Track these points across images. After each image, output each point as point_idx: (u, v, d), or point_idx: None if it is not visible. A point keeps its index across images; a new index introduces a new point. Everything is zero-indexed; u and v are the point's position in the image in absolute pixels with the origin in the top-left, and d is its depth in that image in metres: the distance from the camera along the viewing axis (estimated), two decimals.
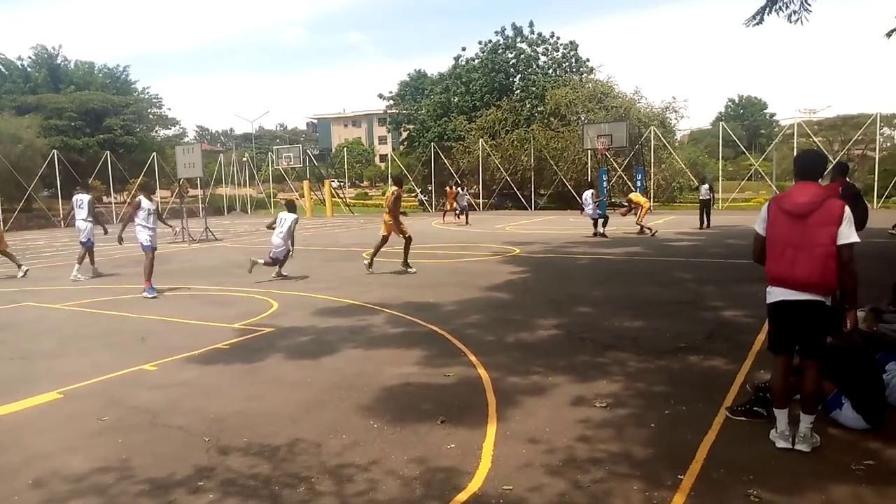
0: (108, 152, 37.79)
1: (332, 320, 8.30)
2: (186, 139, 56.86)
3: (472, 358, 6.34)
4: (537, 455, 4.09)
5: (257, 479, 3.86)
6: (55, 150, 35.20)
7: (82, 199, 13.42)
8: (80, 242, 13.24)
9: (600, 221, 19.29)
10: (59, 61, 48.92)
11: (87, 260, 13.31)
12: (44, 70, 47.19)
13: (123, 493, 3.73)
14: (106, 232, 13.71)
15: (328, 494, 3.64)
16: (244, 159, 47.70)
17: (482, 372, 5.89)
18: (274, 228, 11.99)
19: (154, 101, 52.53)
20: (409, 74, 52.89)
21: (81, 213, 13.24)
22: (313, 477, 3.86)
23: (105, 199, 40.31)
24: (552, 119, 38.55)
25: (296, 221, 11.89)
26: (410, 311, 8.69)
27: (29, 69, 47.39)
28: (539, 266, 12.73)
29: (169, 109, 70.07)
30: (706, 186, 21.59)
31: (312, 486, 3.74)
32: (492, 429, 4.53)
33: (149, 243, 10.73)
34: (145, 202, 10.86)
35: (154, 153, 39.94)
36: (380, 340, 7.23)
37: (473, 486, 3.69)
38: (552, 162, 35.87)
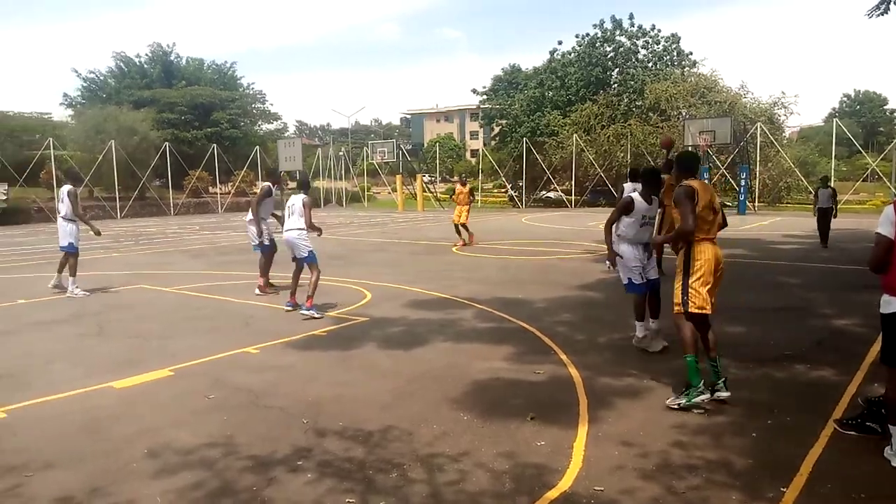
0: (215, 145, 39.80)
1: (423, 312, 8.43)
2: (287, 133, 59.05)
3: (563, 356, 6.28)
4: (630, 458, 4.01)
5: (352, 462, 3.98)
6: (167, 143, 37.46)
7: (63, 191, 10.50)
8: (61, 248, 10.38)
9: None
10: (172, 58, 51.91)
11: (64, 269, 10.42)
12: (158, 66, 50.22)
13: (228, 467, 3.94)
14: (98, 233, 10.93)
15: (419, 482, 3.72)
16: (340, 153, 49.04)
17: (573, 371, 5.83)
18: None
19: (258, 96, 54.91)
20: (502, 69, 52.60)
21: (63, 209, 10.34)
22: (405, 464, 3.94)
23: (211, 189, 42.51)
24: (651, 114, 37.40)
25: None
26: (499, 306, 8.70)
27: (145, 66, 50.57)
28: None
29: (271, 104, 73.48)
30: (828, 191, 16.04)
31: (405, 473, 3.82)
32: (583, 429, 4.48)
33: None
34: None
35: (257, 146, 41.76)
36: (469, 334, 7.29)
37: (564, 484, 3.67)
38: (650, 158, 34.83)
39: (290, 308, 8.53)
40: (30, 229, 25.97)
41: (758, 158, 32.62)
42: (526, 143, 39.02)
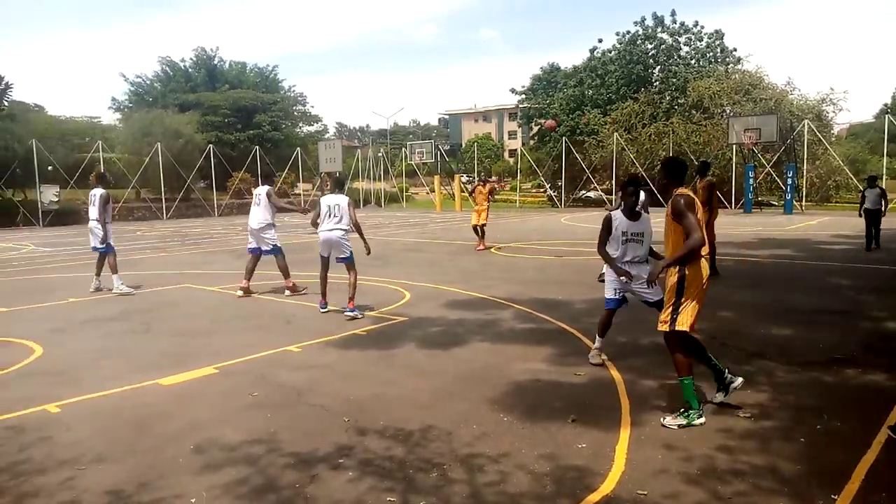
0: (257, 147, 40.46)
1: (461, 313, 8.43)
2: (327, 135, 59.74)
3: (604, 358, 6.20)
4: (674, 462, 3.94)
5: (393, 461, 4.01)
6: (211, 145, 38.22)
7: (95, 195, 10.53)
8: (94, 249, 10.65)
9: None
10: (216, 62, 53.01)
11: (103, 268, 10.70)
12: (203, 70, 51.35)
13: (272, 464, 4.00)
14: (104, 243, 10.45)
15: (460, 482, 3.71)
16: (379, 154, 49.37)
17: (615, 373, 5.76)
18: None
19: (299, 98, 55.69)
20: (541, 68, 52.24)
21: (94, 212, 10.49)
22: (446, 464, 3.95)
23: (253, 190, 43.23)
24: (694, 112, 36.74)
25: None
26: (538, 307, 8.64)
27: (190, 70, 51.73)
28: None
29: (312, 107, 74.49)
30: (876, 191, 15.02)
31: (445, 473, 3.83)
32: (625, 432, 4.42)
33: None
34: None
35: (298, 148, 42.33)
36: (508, 335, 7.26)
37: (606, 487, 3.62)
38: (693, 157, 34.21)
39: (324, 309, 8.61)
40: (80, 229, 26.70)
41: (805, 156, 31.75)
42: (565, 142, 38.70)
